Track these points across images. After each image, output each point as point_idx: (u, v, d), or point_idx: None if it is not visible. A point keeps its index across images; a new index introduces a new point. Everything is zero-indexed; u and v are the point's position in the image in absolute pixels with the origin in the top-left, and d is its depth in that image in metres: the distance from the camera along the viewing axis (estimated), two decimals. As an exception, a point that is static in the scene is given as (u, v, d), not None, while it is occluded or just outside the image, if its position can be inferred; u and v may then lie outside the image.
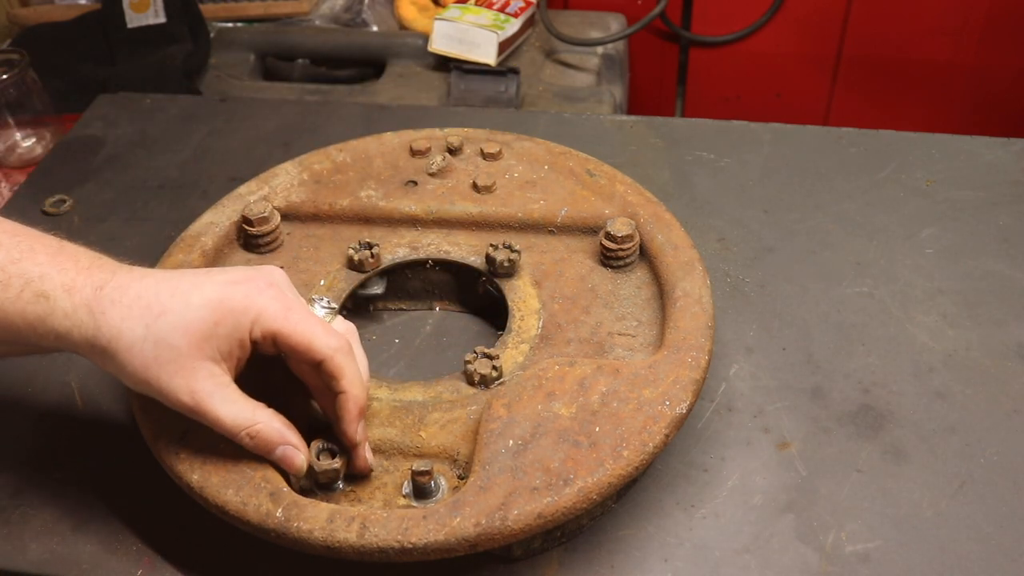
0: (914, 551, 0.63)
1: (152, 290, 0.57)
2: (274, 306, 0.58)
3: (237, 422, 0.58)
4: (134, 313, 0.56)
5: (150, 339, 0.56)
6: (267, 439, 0.59)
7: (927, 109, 1.82)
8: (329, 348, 0.58)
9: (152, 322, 0.56)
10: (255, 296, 0.58)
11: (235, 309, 0.57)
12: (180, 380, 0.56)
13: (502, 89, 1.42)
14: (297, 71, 1.53)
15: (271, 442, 0.59)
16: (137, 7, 1.46)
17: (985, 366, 0.75)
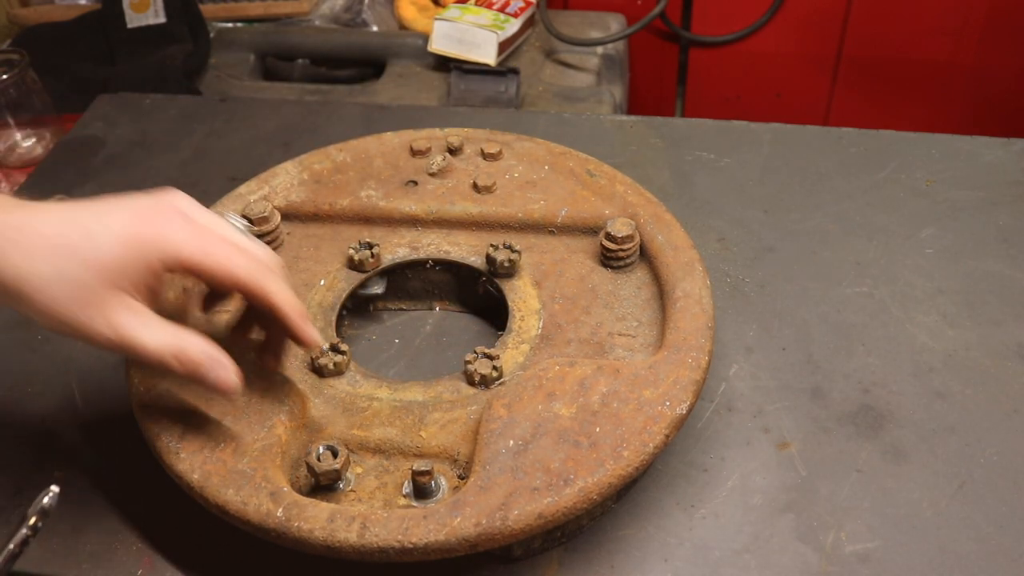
0: (914, 551, 0.63)
1: (54, 228, 0.54)
2: (185, 235, 0.55)
3: (162, 346, 0.55)
4: (37, 253, 0.53)
5: (59, 279, 0.53)
6: (196, 359, 0.56)
7: (927, 109, 1.82)
8: (248, 270, 0.57)
9: (59, 261, 0.53)
10: (165, 227, 0.55)
11: (145, 242, 0.54)
12: (97, 315, 0.54)
13: (502, 89, 1.42)
14: (297, 71, 1.53)
15: (201, 363, 0.56)
16: (137, 7, 1.46)
17: (985, 366, 0.75)
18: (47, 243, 0.53)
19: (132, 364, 0.67)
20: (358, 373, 0.70)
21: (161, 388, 0.65)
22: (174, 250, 0.55)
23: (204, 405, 0.64)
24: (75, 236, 0.53)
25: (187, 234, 0.56)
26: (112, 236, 0.54)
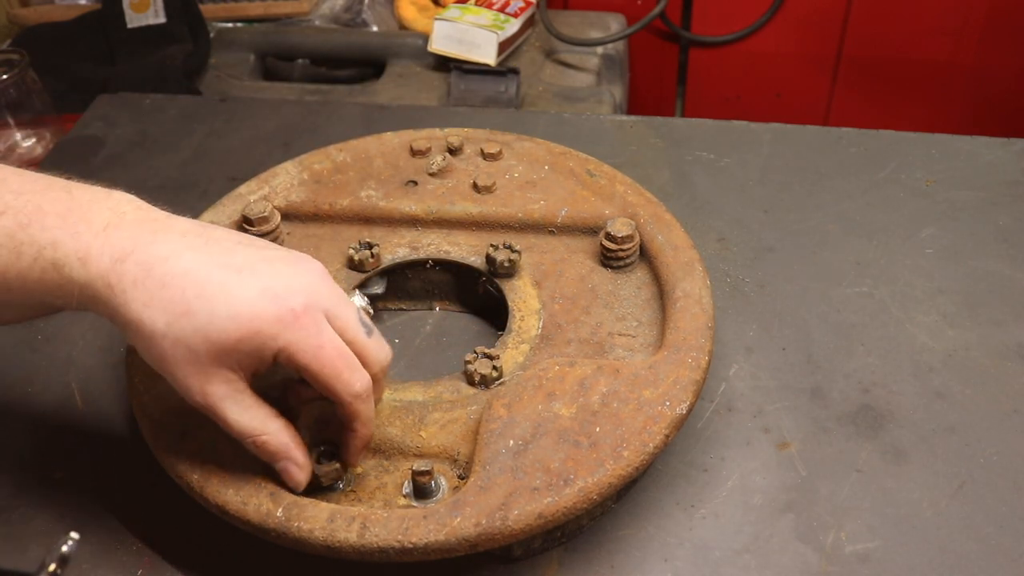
0: (914, 551, 0.63)
1: (178, 282, 0.53)
2: (304, 341, 0.55)
3: (245, 429, 0.56)
4: (155, 303, 0.53)
5: (170, 336, 0.53)
6: (272, 451, 0.58)
7: (927, 109, 1.82)
8: (351, 395, 0.57)
9: (174, 320, 0.53)
10: (287, 323, 0.54)
11: (262, 332, 0.53)
12: (195, 381, 0.54)
13: (502, 89, 1.42)
14: (297, 71, 1.53)
15: (276, 454, 0.58)
16: (137, 7, 1.46)
17: (985, 366, 0.75)
18: (167, 296, 0.53)
19: (132, 364, 0.67)
20: (358, 373, 0.70)
21: (161, 388, 0.65)
22: (289, 351, 0.55)
23: (204, 405, 0.64)
24: (196, 301, 0.53)
25: (306, 337, 0.55)
26: (233, 319, 0.53)
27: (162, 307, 0.53)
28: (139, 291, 0.53)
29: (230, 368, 0.55)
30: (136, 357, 0.67)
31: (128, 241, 0.54)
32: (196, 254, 0.54)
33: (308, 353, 0.55)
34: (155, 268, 0.53)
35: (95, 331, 0.82)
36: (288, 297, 0.54)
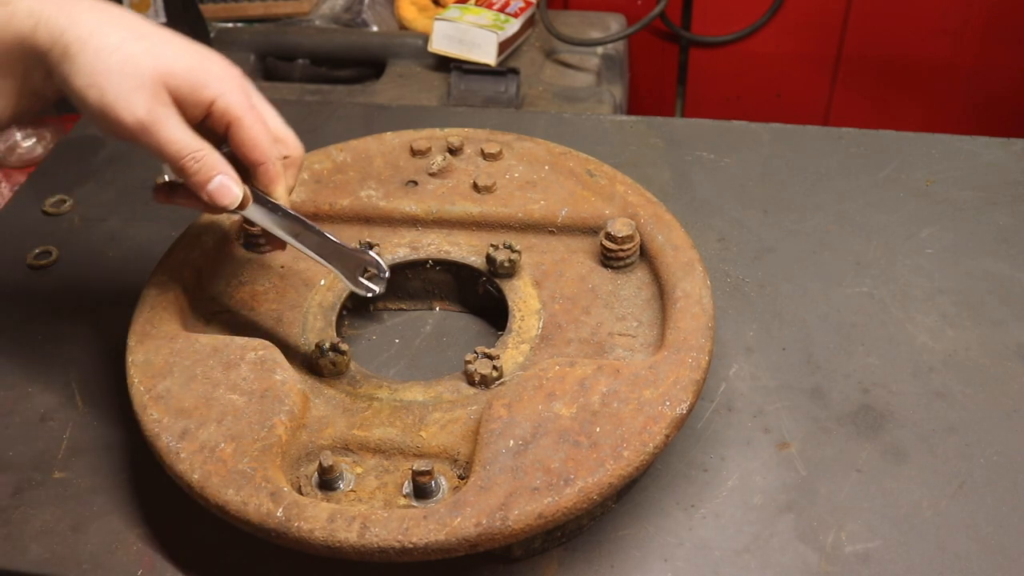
0: (914, 551, 0.63)
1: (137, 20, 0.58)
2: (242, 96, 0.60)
3: (187, 145, 0.58)
4: (112, 21, 0.56)
5: (121, 51, 0.55)
6: (211, 164, 0.60)
7: (927, 109, 1.83)
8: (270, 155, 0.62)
9: (128, 37, 0.56)
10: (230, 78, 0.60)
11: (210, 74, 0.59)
12: (139, 97, 0.56)
13: (502, 89, 1.42)
14: (297, 71, 1.53)
15: (213, 167, 0.60)
16: (137, 7, 1.46)
17: (985, 366, 0.75)
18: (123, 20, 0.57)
19: (132, 364, 0.67)
20: (358, 373, 0.70)
21: (161, 388, 0.65)
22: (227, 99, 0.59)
23: (204, 405, 0.64)
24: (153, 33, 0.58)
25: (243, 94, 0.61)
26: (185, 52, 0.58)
27: (117, 25, 0.56)
28: (93, 12, 0.56)
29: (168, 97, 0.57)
30: (136, 356, 0.67)
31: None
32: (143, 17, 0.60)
33: (243, 105, 0.60)
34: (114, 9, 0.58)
35: (95, 331, 0.82)
36: (232, 66, 0.61)
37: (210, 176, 0.60)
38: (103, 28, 0.56)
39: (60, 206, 0.96)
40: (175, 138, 0.58)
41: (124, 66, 0.56)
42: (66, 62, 0.56)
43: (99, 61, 0.55)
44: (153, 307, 0.71)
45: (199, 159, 0.59)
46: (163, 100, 0.57)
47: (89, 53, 0.55)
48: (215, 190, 0.60)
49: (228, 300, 0.76)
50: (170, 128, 0.58)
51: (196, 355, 0.67)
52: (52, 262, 0.90)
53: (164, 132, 0.57)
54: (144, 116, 0.56)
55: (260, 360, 0.67)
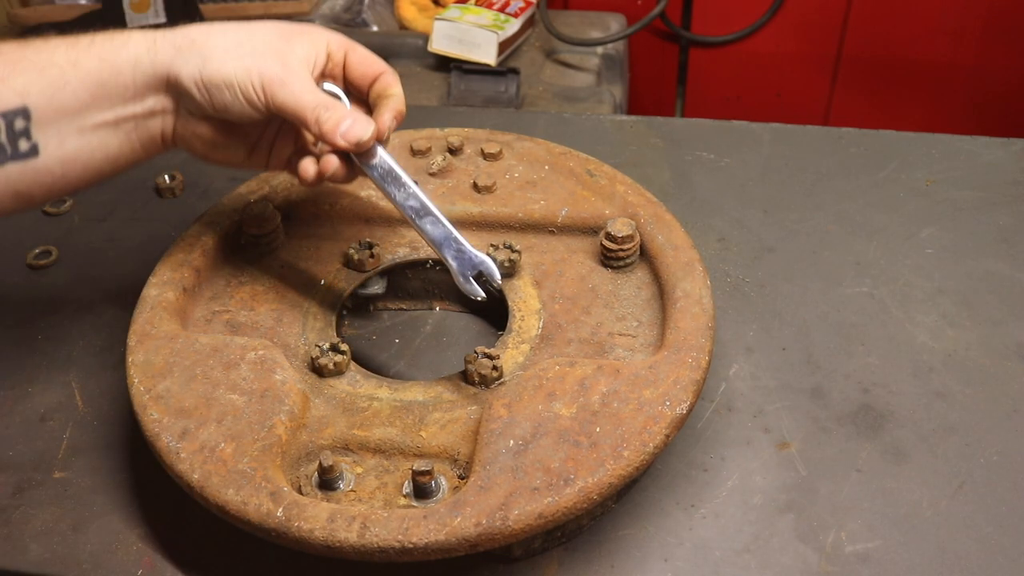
0: (914, 551, 0.63)
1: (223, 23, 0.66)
2: (342, 38, 0.70)
3: (317, 96, 0.65)
4: (215, 30, 0.65)
5: (238, 35, 0.64)
6: (340, 110, 0.66)
7: (927, 109, 1.83)
8: (387, 66, 0.71)
9: (237, 30, 0.65)
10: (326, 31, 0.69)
11: (314, 30, 0.68)
12: (265, 60, 0.64)
13: (502, 89, 1.42)
14: (297, 71, 1.53)
15: (343, 112, 0.66)
16: (137, 7, 1.46)
17: (985, 366, 0.75)
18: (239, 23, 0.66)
19: (132, 364, 0.67)
20: (358, 373, 0.70)
21: (161, 388, 0.65)
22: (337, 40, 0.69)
23: (204, 405, 0.64)
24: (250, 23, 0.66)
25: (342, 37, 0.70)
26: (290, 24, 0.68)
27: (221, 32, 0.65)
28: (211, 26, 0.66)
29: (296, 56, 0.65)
30: (136, 356, 0.67)
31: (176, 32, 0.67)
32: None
33: (350, 41, 0.70)
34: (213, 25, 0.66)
35: (95, 331, 0.82)
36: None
37: (342, 117, 0.66)
38: (222, 24, 0.65)
39: (60, 206, 0.96)
40: (309, 90, 0.65)
41: (253, 41, 0.64)
42: (195, 54, 0.64)
43: (227, 39, 0.64)
44: (153, 307, 0.71)
45: (329, 107, 0.65)
46: (292, 62, 0.65)
47: (216, 36, 0.64)
48: (349, 129, 0.66)
49: (228, 300, 0.76)
50: (303, 83, 0.65)
51: (196, 355, 0.67)
52: (52, 262, 0.90)
53: (299, 85, 0.64)
54: (282, 71, 0.64)
55: (260, 360, 0.67)
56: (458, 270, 0.64)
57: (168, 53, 0.64)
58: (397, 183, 0.67)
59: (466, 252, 0.64)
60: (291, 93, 0.64)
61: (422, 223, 0.66)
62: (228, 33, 0.65)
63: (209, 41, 0.64)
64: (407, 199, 0.67)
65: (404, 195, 0.67)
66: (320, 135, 0.66)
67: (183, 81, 0.64)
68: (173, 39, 0.65)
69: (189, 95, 0.64)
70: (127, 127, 0.65)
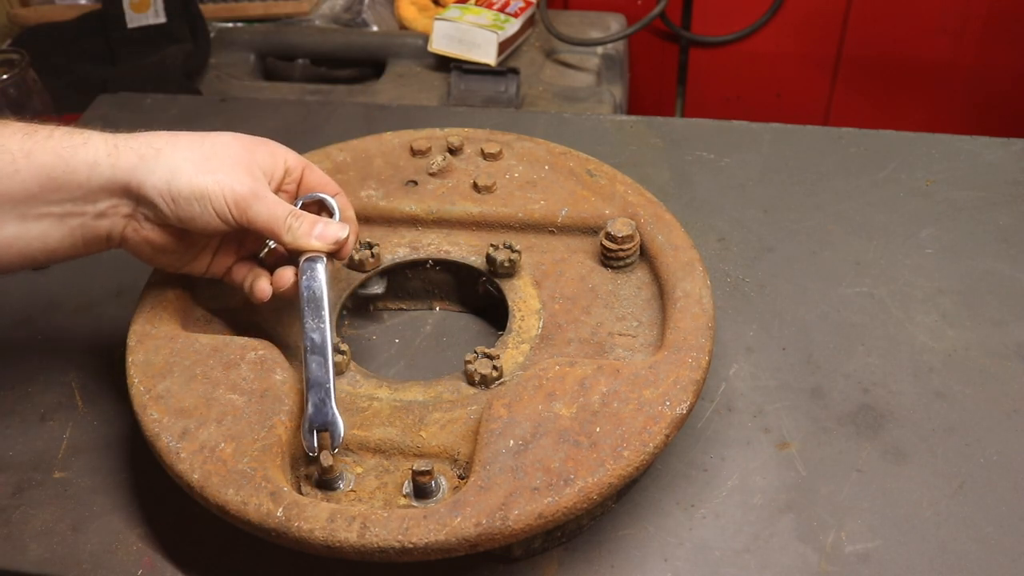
0: (914, 551, 0.63)
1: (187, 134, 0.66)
2: (298, 157, 0.70)
3: (285, 206, 0.66)
4: (180, 142, 0.64)
5: (203, 149, 0.64)
6: (309, 218, 0.67)
7: (927, 109, 1.82)
8: (336, 187, 0.73)
9: (201, 142, 0.64)
10: (283, 148, 0.70)
11: (270, 144, 0.69)
12: (243, 173, 0.64)
13: (502, 89, 1.42)
14: (297, 71, 1.53)
15: (313, 220, 0.67)
16: (137, 7, 1.46)
17: (985, 366, 0.75)
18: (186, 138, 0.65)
19: (132, 364, 0.67)
20: (358, 373, 0.70)
21: (161, 388, 0.65)
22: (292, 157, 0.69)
23: (204, 405, 0.64)
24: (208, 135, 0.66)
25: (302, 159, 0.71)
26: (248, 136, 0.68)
27: (186, 142, 0.64)
28: (162, 139, 0.64)
29: (259, 169, 0.66)
30: (136, 356, 0.67)
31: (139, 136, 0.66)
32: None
33: (305, 160, 0.71)
34: (177, 135, 0.66)
35: (95, 331, 0.82)
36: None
37: (313, 224, 0.67)
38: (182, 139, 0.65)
39: (60, 206, 0.96)
40: (278, 202, 0.66)
41: (216, 152, 0.64)
42: (158, 169, 0.63)
43: (190, 157, 0.63)
44: (153, 307, 0.71)
45: (298, 215, 0.67)
46: (258, 175, 0.66)
47: (180, 154, 0.63)
48: (323, 231, 0.67)
49: (228, 300, 0.76)
50: (270, 196, 0.66)
51: (196, 355, 0.67)
52: (52, 262, 0.89)
53: (268, 198, 0.65)
54: (253, 185, 0.64)
55: (260, 360, 0.67)
56: (310, 418, 0.62)
57: (130, 161, 0.63)
58: (315, 312, 0.66)
59: (327, 407, 0.62)
60: (264, 208, 0.65)
61: (310, 358, 0.64)
62: (195, 147, 0.64)
63: (176, 153, 0.63)
64: (313, 330, 0.65)
65: (313, 326, 0.65)
66: (293, 243, 0.66)
67: (147, 192, 0.63)
68: (137, 147, 0.63)
69: (152, 205, 0.63)
70: (72, 223, 0.64)
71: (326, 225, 0.68)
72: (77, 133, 0.64)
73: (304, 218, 0.67)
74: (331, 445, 0.61)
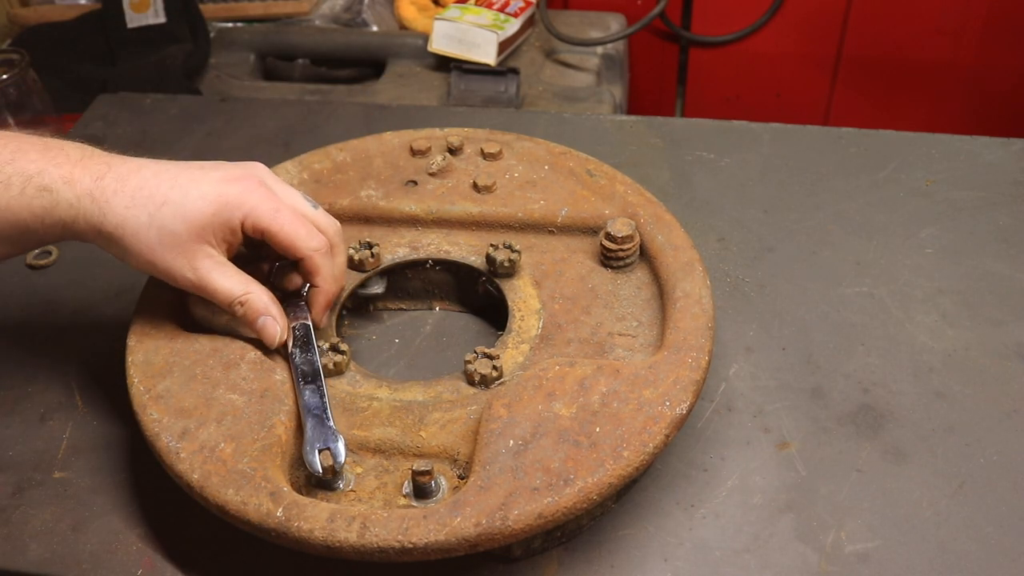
0: (914, 551, 0.63)
1: (152, 182, 0.63)
2: (265, 205, 0.64)
3: (231, 292, 0.65)
4: (137, 202, 0.62)
5: (154, 226, 0.62)
6: (254, 307, 0.66)
7: (927, 109, 1.82)
8: (309, 249, 0.66)
9: (155, 211, 0.62)
10: (248, 194, 0.64)
11: (230, 204, 0.63)
12: (183, 260, 0.63)
13: (502, 89, 1.42)
14: (297, 71, 1.53)
15: (256, 311, 0.66)
16: (137, 7, 1.46)
17: (985, 366, 0.75)
18: (145, 194, 0.62)
19: (132, 364, 0.67)
20: (358, 373, 0.70)
21: (161, 388, 0.65)
22: (253, 216, 0.64)
23: (204, 405, 0.64)
24: (171, 191, 0.63)
25: (265, 203, 0.65)
26: (202, 194, 0.63)
27: (142, 204, 0.62)
28: (120, 197, 0.62)
29: (209, 244, 0.64)
30: (136, 356, 0.67)
31: (102, 165, 0.63)
32: (160, 165, 0.65)
33: (268, 215, 0.64)
34: (130, 178, 0.63)
35: (95, 331, 0.82)
36: (245, 177, 0.65)
37: (255, 318, 0.66)
38: (132, 211, 0.62)
39: (60, 206, 0.96)
40: (222, 288, 0.65)
41: (162, 239, 0.63)
42: (113, 247, 0.64)
43: (139, 242, 0.63)
44: (153, 307, 0.71)
45: (244, 302, 0.66)
46: (205, 253, 0.64)
47: (129, 238, 0.63)
48: (260, 329, 0.67)
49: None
50: (215, 280, 0.65)
51: (196, 355, 0.67)
52: (52, 262, 0.90)
53: (211, 285, 0.65)
54: (193, 277, 0.64)
55: (260, 360, 0.67)
56: (310, 439, 0.62)
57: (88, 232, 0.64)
58: (306, 347, 0.67)
59: (327, 427, 0.62)
60: (210, 294, 0.65)
61: (303, 388, 0.65)
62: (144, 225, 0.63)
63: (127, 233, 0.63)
64: (304, 363, 0.66)
65: (304, 359, 0.67)
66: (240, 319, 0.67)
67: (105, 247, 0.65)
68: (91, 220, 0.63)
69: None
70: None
71: (267, 322, 0.66)
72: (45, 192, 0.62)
73: (249, 305, 0.66)
74: (334, 463, 0.61)
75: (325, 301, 0.69)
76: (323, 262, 0.67)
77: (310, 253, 0.66)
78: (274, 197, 0.66)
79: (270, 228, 0.65)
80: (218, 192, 0.63)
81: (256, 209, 0.64)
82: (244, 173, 0.66)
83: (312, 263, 0.67)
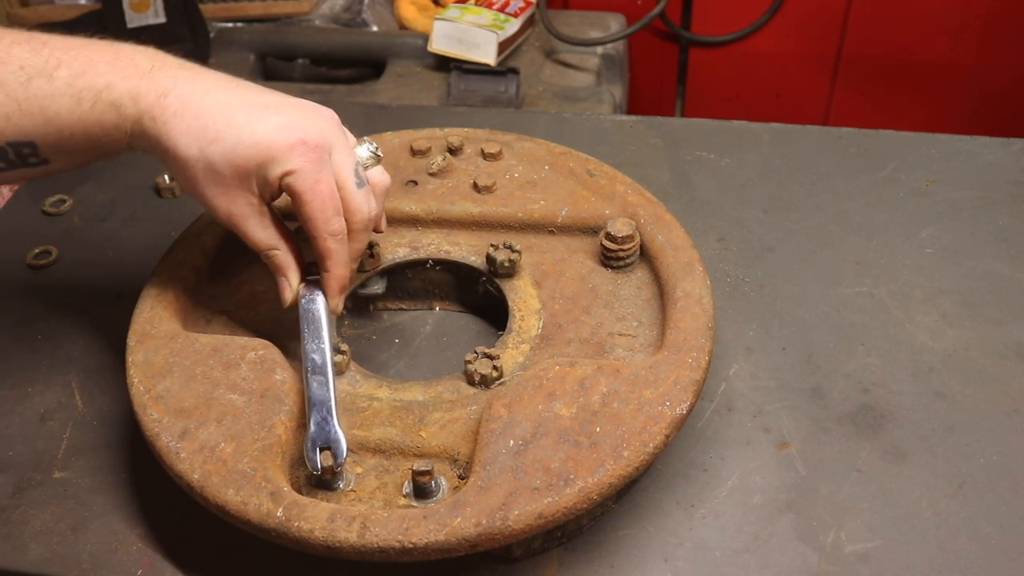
0: (914, 551, 0.63)
1: (211, 112, 0.62)
2: (306, 173, 0.63)
3: (261, 243, 0.66)
4: (193, 132, 0.62)
5: (202, 160, 0.62)
6: (277, 265, 0.67)
7: (927, 109, 1.83)
8: (324, 231, 0.65)
9: (206, 146, 0.62)
10: (297, 154, 0.63)
11: (276, 159, 0.62)
12: (223, 200, 0.64)
13: (502, 89, 1.42)
14: (297, 71, 1.53)
15: (279, 268, 0.67)
16: (137, 7, 1.46)
17: (985, 366, 0.75)
18: (201, 125, 0.62)
19: (132, 364, 0.67)
20: (358, 373, 0.70)
21: (161, 388, 0.65)
22: (291, 179, 0.63)
23: (204, 405, 0.64)
24: (225, 130, 0.62)
25: (308, 170, 0.63)
26: (255, 145, 0.62)
27: (196, 135, 0.62)
28: (178, 121, 0.62)
29: (251, 191, 0.64)
30: (136, 356, 0.67)
31: (170, 80, 0.63)
32: (227, 92, 0.64)
33: (306, 183, 0.63)
34: (192, 102, 0.62)
35: (95, 331, 0.82)
36: (302, 131, 0.63)
37: (276, 273, 0.68)
38: (185, 140, 0.62)
39: (60, 206, 0.96)
40: (253, 237, 0.66)
41: (207, 175, 0.63)
42: (167, 165, 0.64)
43: (186, 171, 0.63)
44: (153, 307, 0.71)
45: (270, 257, 0.67)
46: (245, 199, 0.64)
47: (180, 164, 0.63)
48: (278, 284, 0.68)
49: (228, 300, 0.76)
50: (248, 227, 0.65)
51: (196, 355, 0.67)
52: (52, 262, 0.90)
53: (245, 231, 0.66)
54: (228, 218, 0.65)
55: (260, 360, 0.67)
56: (312, 437, 0.62)
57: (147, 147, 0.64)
58: (315, 334, 0.67)
59: (330, 425, 0.62)
60: (242, 235, 0.66)
61: (311, 378, 0.64)
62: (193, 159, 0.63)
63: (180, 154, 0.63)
64: (314, 351, 0.65)
65: (314, 347, 0.66)
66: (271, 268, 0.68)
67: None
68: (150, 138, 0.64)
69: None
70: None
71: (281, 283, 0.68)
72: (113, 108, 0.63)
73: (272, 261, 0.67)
74: (334, 463, 0.61)
75: (336, 286, 0.68)
76: (334, 247, 0.66)
77: (324, 236, 0.65)
78: (322, 165, 0.64)
79: (301, 197, 0.64)
80: (270, 142, 0.62)
81: (297, 173, 0.63)
82: (305, 125, 0.64)
83: (323, 246, 0.66)
